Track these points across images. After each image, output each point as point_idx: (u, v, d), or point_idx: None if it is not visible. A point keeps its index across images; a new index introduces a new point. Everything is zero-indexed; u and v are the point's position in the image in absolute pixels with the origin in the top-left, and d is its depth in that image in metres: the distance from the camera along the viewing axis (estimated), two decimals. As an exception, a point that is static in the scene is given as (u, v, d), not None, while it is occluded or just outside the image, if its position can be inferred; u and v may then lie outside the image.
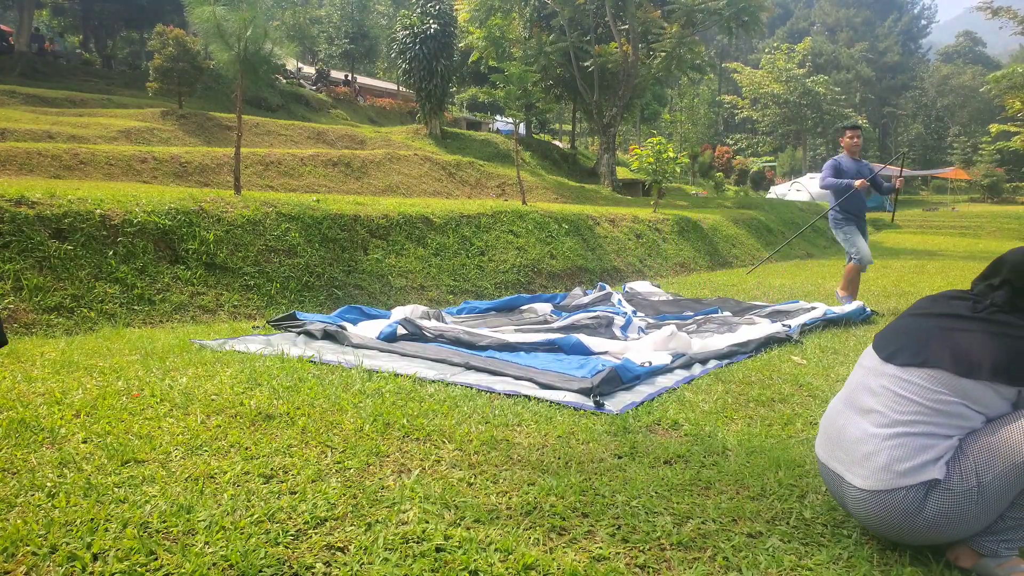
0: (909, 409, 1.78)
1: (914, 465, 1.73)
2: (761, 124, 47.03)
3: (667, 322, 5.24)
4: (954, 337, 1.80)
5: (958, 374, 1.74)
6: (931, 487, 1.72)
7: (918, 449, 1.74)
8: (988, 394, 1.74)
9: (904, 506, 1.75)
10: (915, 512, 1.74)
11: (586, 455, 2.41)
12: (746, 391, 3.39)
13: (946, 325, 1.85)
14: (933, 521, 1.73)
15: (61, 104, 16.45)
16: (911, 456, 1.74)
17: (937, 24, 72.93)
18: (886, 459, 1.77)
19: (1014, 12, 22.74)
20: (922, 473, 1.72)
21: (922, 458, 1.73)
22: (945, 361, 1.77)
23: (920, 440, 1.74)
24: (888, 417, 1.80)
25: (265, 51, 7.09)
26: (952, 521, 1.72)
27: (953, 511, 1.71)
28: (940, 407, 1.75)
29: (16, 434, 2.36)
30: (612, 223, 10.86)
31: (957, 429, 1.75)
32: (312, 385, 3.12)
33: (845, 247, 6.58)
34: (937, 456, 1.73)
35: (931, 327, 1.87)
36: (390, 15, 34.49)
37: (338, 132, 18.32)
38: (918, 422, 1.76)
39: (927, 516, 1.73)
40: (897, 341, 1.91)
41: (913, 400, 1.78)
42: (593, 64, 19.89)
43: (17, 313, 4.47)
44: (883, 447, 1.78)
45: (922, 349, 1.83)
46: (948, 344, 1.79)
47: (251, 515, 1.84)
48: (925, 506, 1.73)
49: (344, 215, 7.01)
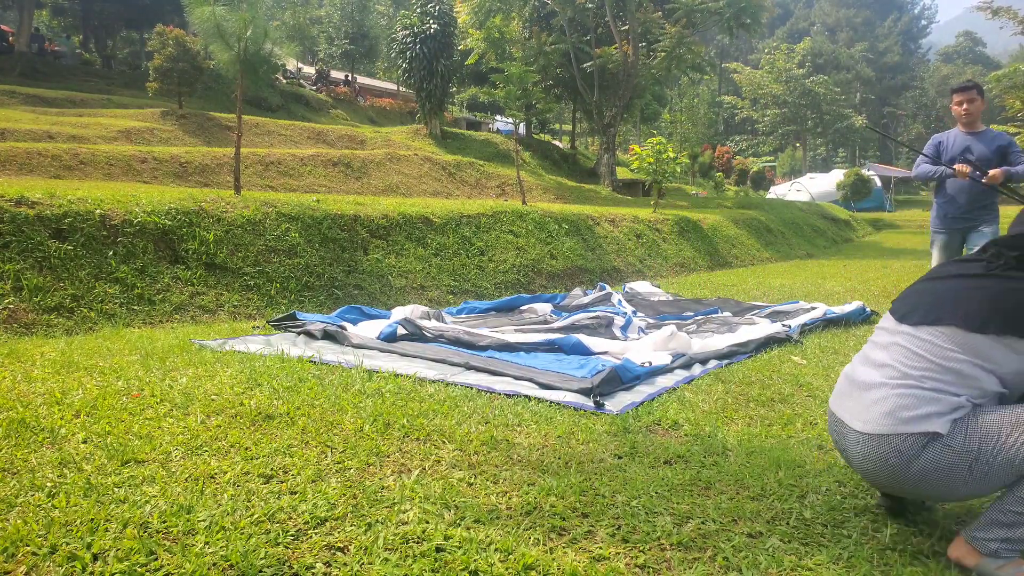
0: (920, 365, 1.81)
1: (918, 415, 1.76)
2: (761, 124, 47.03)
3: (667, 322, 5.24)
4: (966, 295, 1.83)
5: (969, 330, 1.76)
6: (932, 439, 1.75)
7: (925, 400, 1.77)
8: (999, 349, 1.75)
9: (901, 452, 1.79)
10: (911, 459, 1.77)
11: (586, 455, 2.41)
12: (746, 391, 3.39)
13: (959, 285, 1.88)
14: (924, 472, 1.77)
15: (61, 104, 16.45)
16: (917, 406, 1.77)
17: (937, 24, 72.96)
18: (892, 406, 1.81)
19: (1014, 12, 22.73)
20: (924, 423, 1.75)
21: (927, 409, 1.76)
22: (957, 318, 1.79)
23: (928, 394, 1.77)
24: (899, 371, 1.84)
25: (265, 51, 7.09)
26: (941, 477, 1.75)
27: (945, 466, 1.74)
28: (951, 364, 1.77)
29: (16, 434, 2.36)
30: (612, 223, 10.86)
31: (966, 388, 1.76)
32: (312, 385, 3.12)
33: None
34: (943, 411, 1.75)
35: (945, 288, 1.91)
36: (390, 15, 34.49)
37: (338, 132, 18.32)
38: (928, 378, 1.79)
39: (920, 465, 1.76)
40: (911, 303, 1.95)
41: (924, 357, 1.81)
42: (593, 64, 19.89)
43: (17, 313, 4.47)
44: (891, 395, 1.82)
45: (934, 308, 1.86)
46: (960, 302, 1.82)
47: (251, 515, 1.84)
48: (921, 455, 1.76)
49: (344, 215, 7.01)
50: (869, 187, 27.99)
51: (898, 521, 2.03)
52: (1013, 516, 1.70)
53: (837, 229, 20.34)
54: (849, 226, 21.75)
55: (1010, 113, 26.65)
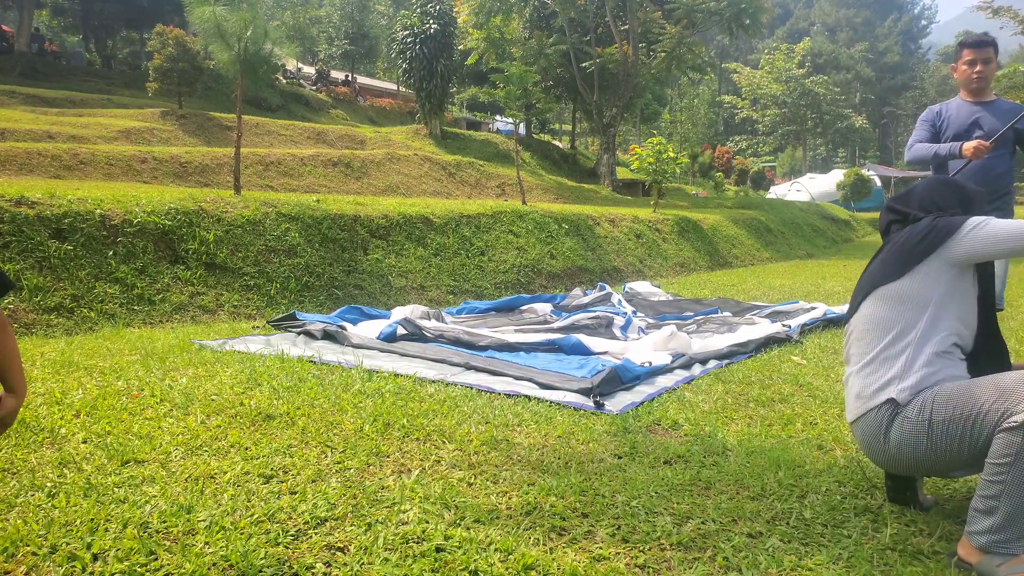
0: (868, 340, 1.99)
1: (877, 387, 1.92)
2: (761, 124, 47.03)
3: (667, 322, 5.24)
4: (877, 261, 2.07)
5: (887, 281, 1.97)
6: (895, 412, 1.87)
7: (878, 371, 1.93)
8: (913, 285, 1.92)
9: (873, 428, 1.92)
10: (883, 434, 1.90)
11: (586, 455, 2.41)
12: (746, 391, 3.39)
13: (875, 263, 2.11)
14: (896, 445, 1.89)
15: (61, 104, 16.44)
16: (874, 380, 1.93)
17: (937, 24, 72.94)
18: (858, 389, 1.99)
19: (1015, 12, 22.73)
20: (883, 393, 1.90)
21: (882, 379, 1.91)
22: (876, 278, 2.02)
23: (879, 364, 1.93)
24: (857, 355, 2.03)
25: (265, 51, 7.09)
26: (910, 449, 1.86)
27: (908, 439, 1.85)
28: (885, 322, 1.95)
29: (16, 434, 2.36)
30: (612, 223, 10.86)
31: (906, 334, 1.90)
32: (312, 385, 3.12)
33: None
34: (896, 374, 1.89)
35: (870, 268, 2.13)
36: (390, 15, 34.49)
37: (338, 132, 18.32)
38: (875, 347, 1.96)
39: (892, 439, 1.89)
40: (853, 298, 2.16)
41: (868, 331, 2.00)
42: (593, 64, 19.89)
43: (17, 313, 4.47)
44: (856, 380, 2.00)
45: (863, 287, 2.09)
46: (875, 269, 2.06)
47: (251, 515, 1.84)
48: (891, 430, 1.88)
49: (344, 215, 7.01)
50: (869, 187, 27.99)
51: (898, 521, 2.03)
52: (987, 503, 1.70)
53: (837, 229, 20.35)
54: (849, 226, 21.75)
55: (1010, 113, 26.59)
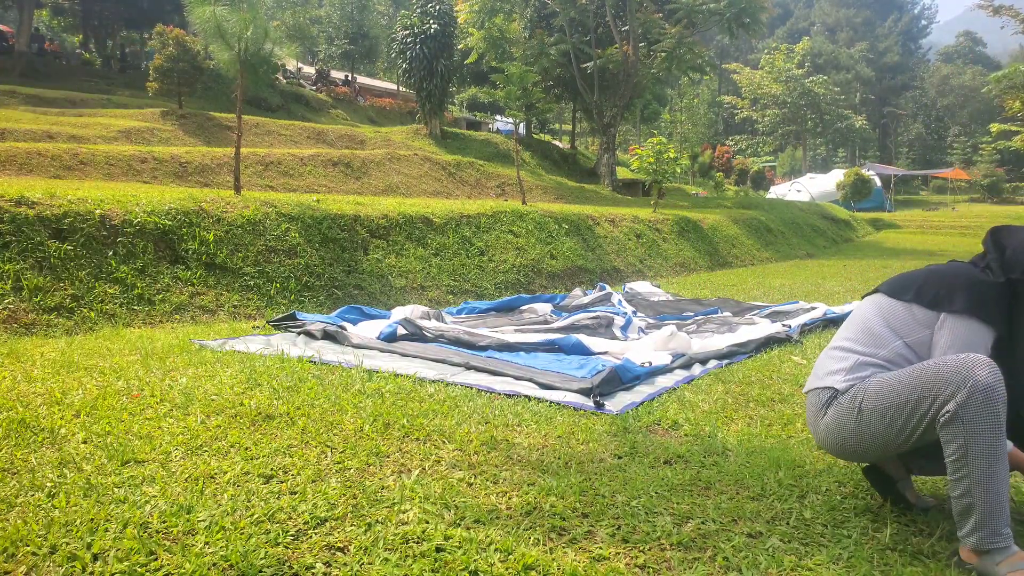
0: (850, 329, 2.05)
1: (828, 371, 2.01)
2: (761, 124, 47.03)
3: (667, 322, 5.24)
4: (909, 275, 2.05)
5: (888, 295, 2.01)
6: (832, 397, 1.96)
7: (837, 359, 2.01)
8: (906, 318, 1.95)
9: (814, 407, 2.03)
10: (820, 414, 2.00)
11: (586, 455, 2.41)
12: (746, 391, 3.39)
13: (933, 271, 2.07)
14: (827, 428, 1.98)
15: (61, 104, 16.45)
16: (830, 365, 2.02)
17: (937, 24, 72.94)
18: (817, 366, 2.09)
19: (1015, 11, 22.71)
20: (829, 379, 1.99)
21: (836, 366, 1.99)
22: (885, 287, 2.05)
23: (842, 353, 2.01)
24: (836, 338, 2.09)
25: (265, 51, 7.09)
26: (837, 435, 1.95)
27: (836, 424, 1.94)
28: (868, 326, 2.00)
29: (16, 434, 2.36)
30: (612, 223, 10.86)
31: (875, 347, 1.96)
32: (312, 385, 3.12)
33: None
34: (847, 368, 1.96)
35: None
36: (390, 15, 34.52)
37: (338, 132, 18.32)
38: (850, 339, 2.02)
39: (825, 422, 1.98)
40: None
41: (854, 323, 2.06)
42: (593, 64, 19.89)
43: (17, 313, 4.47)
44: (821, 358, 2.10)
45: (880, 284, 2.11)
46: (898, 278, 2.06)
47: (251, 515, 1.84)
48: (826, 412, 1.98)
49: (344, 215, 7.01)
50: (869, 187, 28.00)
51: (898, 521, 2.03)
52: (961, 501, 1.71)
53: (837, 229, 20.35)
54: (849, 226, 21.75)
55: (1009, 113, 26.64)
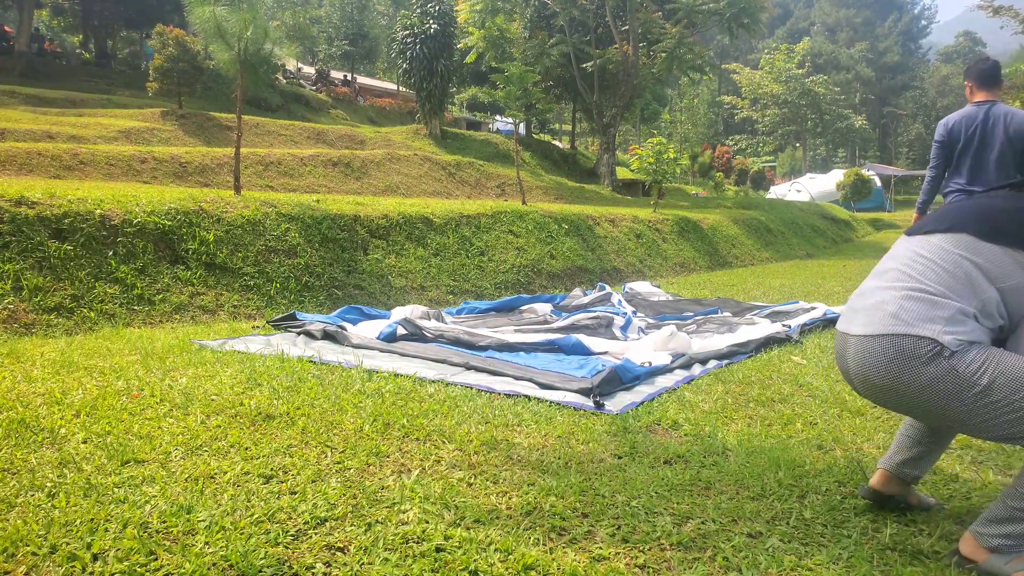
0: (926, 268, 1.78)
1: (923, 317, 1.71)
2: (761, 124, 47.03)
3: (667, 322, 5.24)
4: (984, 209, 1.81)
5: (980, 237, 1.74)
6: (938, 353, 1.68)
7: (930, 305, 1.72)
8: (1007, 262, 1.71)
9: (906, 355, 1.71)
10: (914, 367, 1.70)
11: (586, 455, 2.41)
12: (746, 391, 3.39)
13: (978, 202, 1.87)
14: (924, 387, 1.71)
15: (61, 104, 16.44)
16: (922, 309, 1.72)
17: (937, 24, 72.88)
18: (896, 308, 1.76)
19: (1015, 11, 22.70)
20: (929, 326, 1.70)
21: (932, 313, 1.71)
22: (969, 225, 1.77)
23: (933, 298, 1.73)
24: (905, 273, 1.81)
25: (265, 51, 7.09)
26: (941, 400, 1.69)
27: (946, 391, 1.68)
28: (956, 270, 1.74)
29: (16, 434, 2.36)
30: (612, 223, 10.86)
31: (970, 296, 1.72)
32: (312, 385, 3.12)
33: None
34: (947, 316, 1.70)
35: (963, 206, 1.89)
36: (390, 15, 34.52)
37: (338, 132, 18.31)
38: (933, 280, 1.75)
39: (923, 379, 1.70)
40: (924, 221, 1.93)
41: (931, 260, 1.78)
42: (593, 64, 19.88)
43: (17, 313, 4.47)
44: (895, 298, 1.78)
45: (947, 219, 1.84)
46: (976, 213, 1.80)
47: (251, 515, 1.84)
48: (926, 369, 1.69)
49: (344, 215, 7.01)
50: (869, 187, 27.99)
51: (898, 521, 2.03)
52: (1013, 511, 1.69)
53: (837, 229, 20.35)
54: (849, 226, 21.75)
55: (1010, 113, 26.54)
